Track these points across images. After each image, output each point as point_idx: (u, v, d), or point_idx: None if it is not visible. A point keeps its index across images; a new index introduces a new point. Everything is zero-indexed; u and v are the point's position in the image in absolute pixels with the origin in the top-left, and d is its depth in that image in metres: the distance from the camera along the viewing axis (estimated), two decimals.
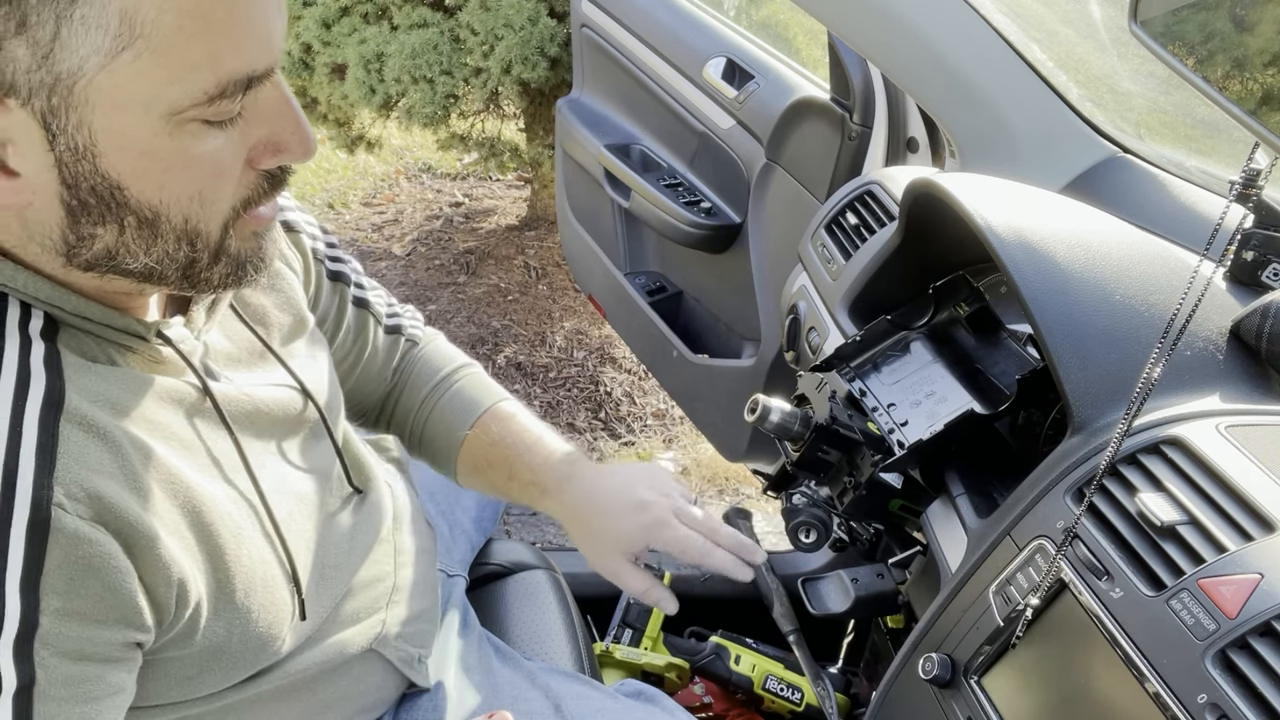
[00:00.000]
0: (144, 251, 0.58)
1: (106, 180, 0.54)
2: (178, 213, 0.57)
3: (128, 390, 0.62)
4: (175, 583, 0.61)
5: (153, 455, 0.61)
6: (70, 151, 0.53)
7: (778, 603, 1.50)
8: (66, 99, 0.51)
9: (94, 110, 0.52)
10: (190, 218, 0.58)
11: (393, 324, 1.03)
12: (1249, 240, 0.90)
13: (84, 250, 0.57)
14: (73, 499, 0.55)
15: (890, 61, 1.26)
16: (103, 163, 0.54)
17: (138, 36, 0.50)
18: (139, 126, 0.53)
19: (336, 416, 0.85)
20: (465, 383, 1.04)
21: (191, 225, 0.58)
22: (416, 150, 4.22)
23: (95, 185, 0.54)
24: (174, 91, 0.52)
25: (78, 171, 0.54)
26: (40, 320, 0.59)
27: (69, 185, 0.54)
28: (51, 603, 0.54)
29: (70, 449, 0.56)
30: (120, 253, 0.58)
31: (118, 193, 0.55)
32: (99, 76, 0.51)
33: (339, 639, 0.81)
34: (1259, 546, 0.64)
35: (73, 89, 0.51)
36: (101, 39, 0.49)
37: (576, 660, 1.13)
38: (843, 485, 0.99)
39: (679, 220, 1.86)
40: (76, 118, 0.52)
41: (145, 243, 0.58)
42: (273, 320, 0.80)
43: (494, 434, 0.99)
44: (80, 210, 0.55)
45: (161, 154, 0.54)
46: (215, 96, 0.53)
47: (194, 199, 0.57)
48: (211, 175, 0.57)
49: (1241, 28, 0.92)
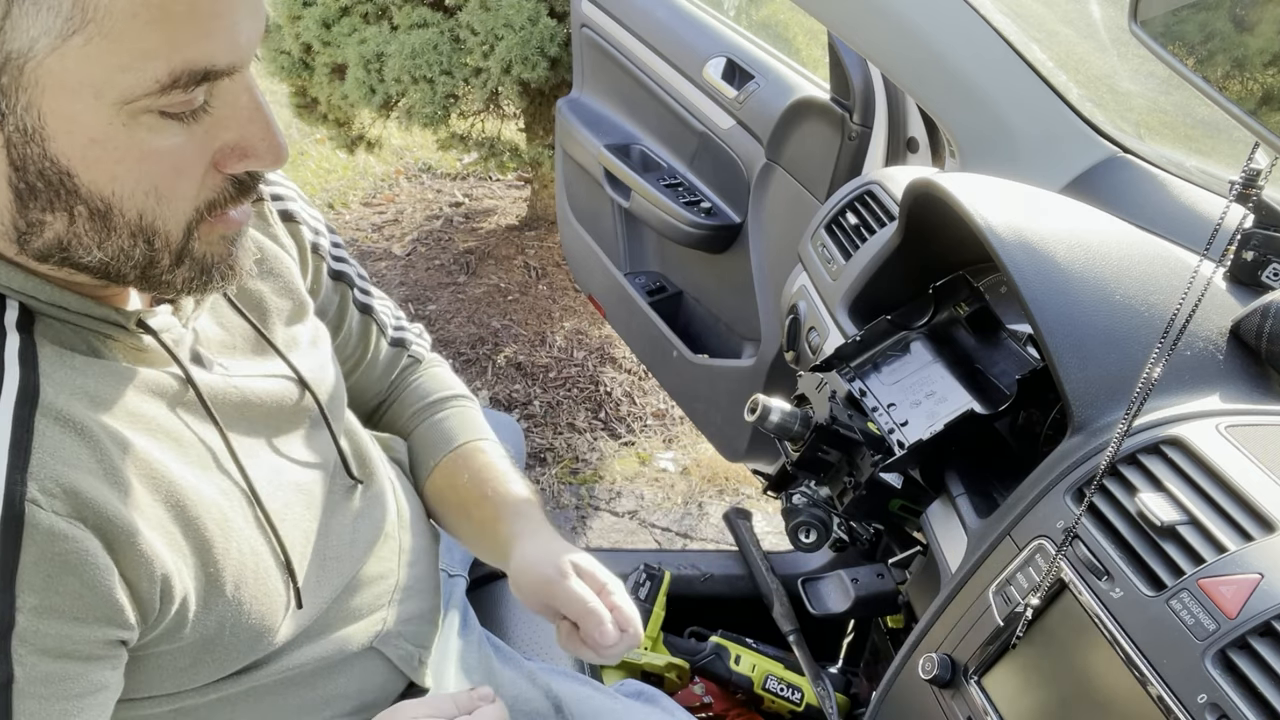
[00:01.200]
0: (96, 245, 0.57)
1: (55, 165, 0.53)
2: (131, 207, 0.56)
3: (107, 382, 0.62)
4: (159, 578, 0.60)
5: (133, 449, 0.61)
6: (19, 132, 0.52)
7: (778, 603, 1.50)
8: (16, 79, 0.50)
9: (43, 92, 0.51)
10: (145, 213, 0.57)
11: (398, 337, 1.02)
12: (1249, 240, 0.90)
13: (34, 238, 0.56)
14: (48, 495, 0.55)
15: (890, 61, 1.26)
16: (51, 147, 0.53)
17: (89, 20, 0.49)
18: (89, 113, 0.52)
19: (338, 406, 0.85)
20: (453, 415, 1.02)
21: (147, 221, 0.57)
22: (416, 150, 4.22)
23: (43, 169, 0.54)
24: (125, 79, 0.51)
25: (26, 154, 0.53)
26: (15, 312, 0.59)
27: (17, 167, 0.53)
28: (28, 600, 0.54)
29: (45, 444, 0.56)
30: (72, 243, 0.57)
31: (67, 179, 0.54)
32: (49, 59, 0.50)
33: (341, 635, 0.81)
34: (1259, 546, 0.64)
35: (23, 69, 0.50)
36: (52, 20, 0.49)
37: (576, 660, 1.13)
38: (843, 485, 0.99)
39: (679, 220, 1.86)
40: (26, 99, 0.51)
41: (98, 235, 0.57)
42: (271, 306, 0.79)
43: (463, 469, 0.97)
44: (28, 194, 0.54)
45: (113, 143, 0.53)
46: (168, 86, 0.52)
47: (149, 194, 0.56)
48: (169, 171, 0.56)
49: (1241, 28, 0.92)
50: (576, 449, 2.62)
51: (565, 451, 2.61)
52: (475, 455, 0.98)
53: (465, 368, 2.88)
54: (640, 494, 2.49)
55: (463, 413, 1.03)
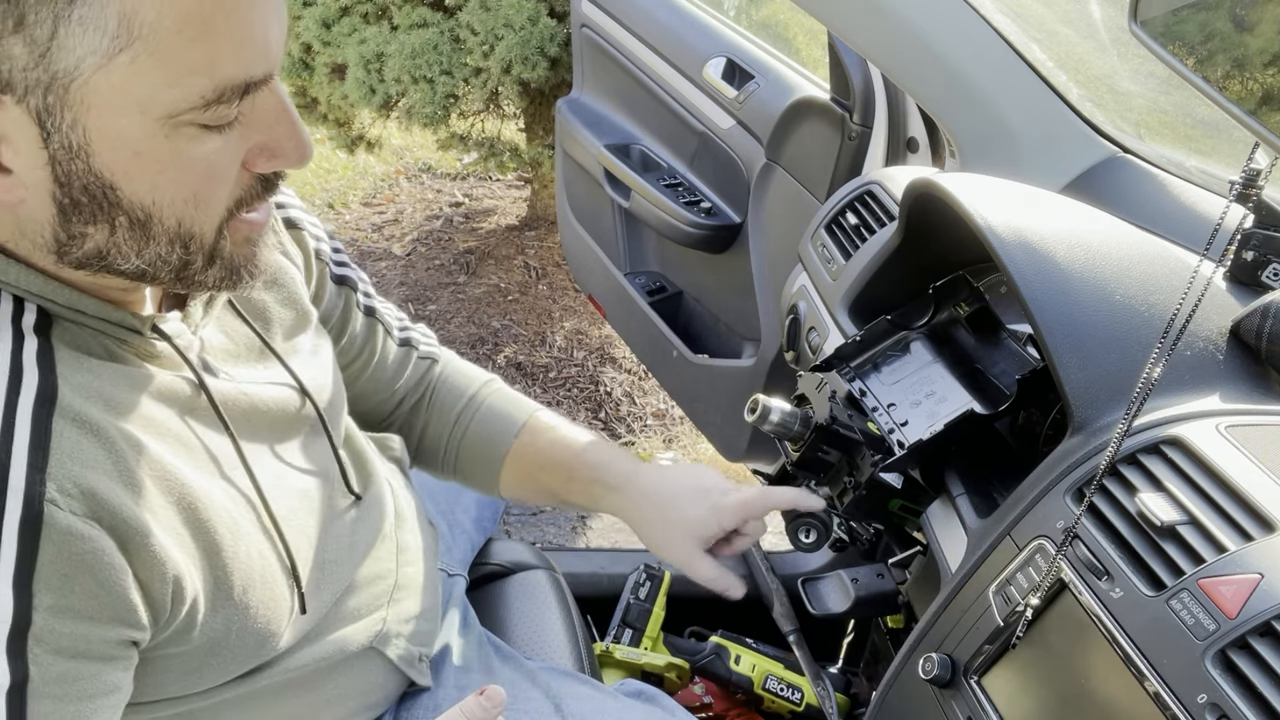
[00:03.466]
0: (135, 253, 0.58)
1: (99, 179, 0.54)
2: (171, 215, 0.57)
3: (122, 386, 0.62)
4: (171, 579, 0.60)
5: (147, 451, 0.61)
6: (64, 150, 0.53)
7: (778, 603, 1.50)
8: (62, 98, 0.51)
9: (89, 110, 0.52)
10: (184, 220, 0.58)
11: (405, 337, 1.04)
12: (1249, 240, 0.90)
13: (75, 249, 0.57)
14: (66, 495, 0.55)
15: (890, 61, 1.26)
16: (96, 162, 0.54)
17: (135, 39, 0.50)
18: (134, 127, 0.53)
19: (337, 415, 0.85)
20: (494, 398, 1.07)
21: (185, 228, 0.58)
22: (416, 150, 4.22)
23: (88, 184, 0.54)
24: (171, 95, 0.52)
25: (71, 170, 0.54)
26: (33, 315, 0.59)
27: (61, 184, 0.54)
28: (44, 599, 0.54)
29: (63, 445, 0.56)
30: (111, 253, 0.58)
31: (110, 192, 0.55)
32: (95, 77, 0.51)
33: (340, 636, 0.81)
34: (1259, 546, 0.64)
35: (69, 88, 0.51)
36: (99, 40, 0.49)
37: (576, 660, 1.13)
38: (843, 485, 0.99)
39: (679, 220, 1.86)
40: (71, 117, 0.52)
41: (137, 244, 0.58)
42: (274, 316, 0.80)
43: (543, 441, 1.02)
44: (72, 209, 0.55)
45: (156, 155, 0.54)
46: (212, 101, 0.53)
47: (188, 201, 0.57)
48: (206, 178, 0.57)
49: (1241, 28, 0.92)
50: None
51: None
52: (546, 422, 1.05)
53: None
54: None
55: (502, 393, 1.09)
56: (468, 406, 1.06)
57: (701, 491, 0.96)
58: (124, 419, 0.61)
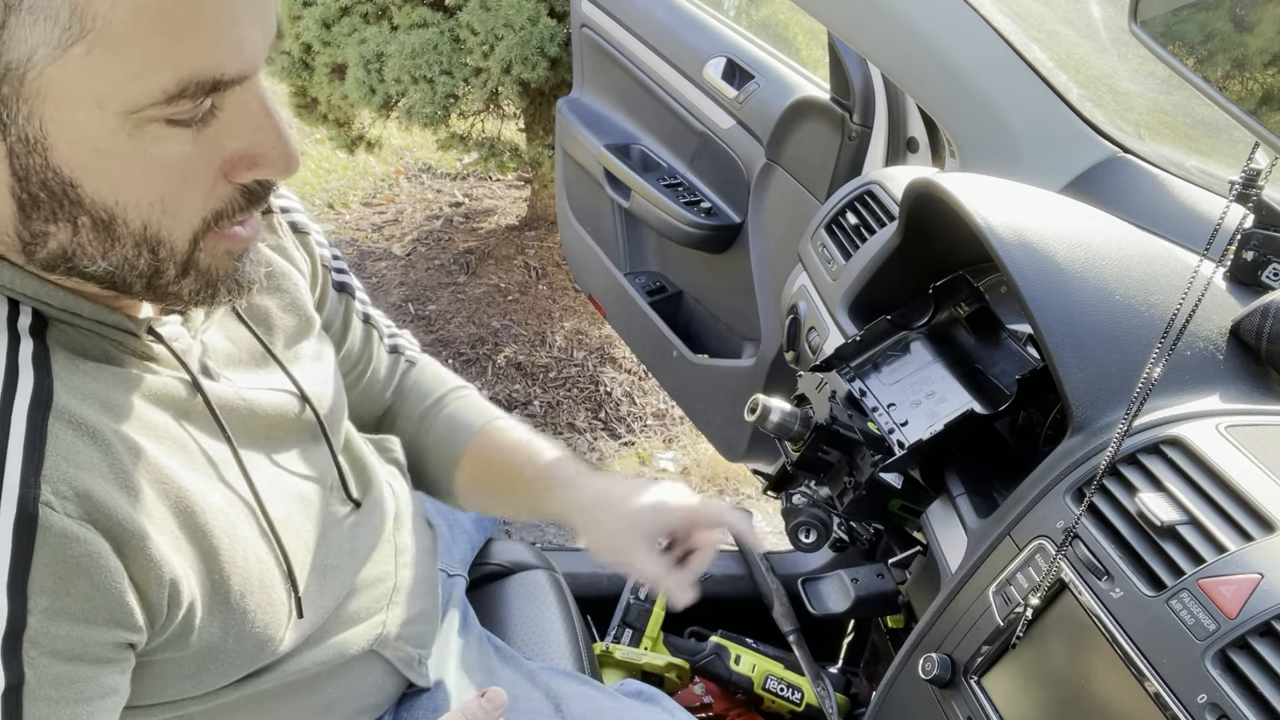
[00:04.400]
0: (101, 255, 0.56)
1: (58, 175, 0.53)
2: (136, 217, 0.55)
3: (119, 388, 0.62)
4: (167, 583, 0.60)
5: (143, 454, 0.61)
6: (21, 143, 0.52)
7: (778, 603, 1.50)
8: (17, 89, 0.50)
9: (45, 102, 0.50)
10: (150, 224, 0.56)
11: (394, 344, 1.03)
12: (1249, 240, 0.90)
13: (39, 248, 0.56)
14: (61, 497, 0.55)
15: (890, 61, 1.26)
16: (54, 157, 0.52)
17: (89, 30, 0.48)
18: (92, 122, 0.51)
19: (338, 421, 0.85)
20: (460, 403, 1.04)
21: (152, 232, 0.56)
22: (416, 150, 4.22)
23: (46, 180, 0.53)
24: (130, 89, 0.50)
25: (28, 164, 0.52)
26: (29, 317, 0.59)
27: (20, 178, 0.53)
28: (40, 602, 0.54)
29: (59, 447, 0.56)
30: (76, 254, 0.56)
31: (70, 190, 0.53)
32: (49, 69, 0.49)
33: (339, 639, 0.81)
34: (1259, 546, 0.64)
35: (23, 79, 0.50)
36: (50, 30, 0.48)
37: (576, 660, 1.13)
38: (843, 485, 0.99)
39: (679, 220, 1.86)
40: (27, 109, 0.51)
41: (101, 245, 0.56)
42: (276, 322, 0.80)
43: (496, 442, 1.00)
44: (31, 205, 0.54)
45: (118, 153, 0.53)
46: (175, 96, 0.51)
47: (155, 205, 0.55)
48: (175, 182, 0.55)
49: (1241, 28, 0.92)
50: (576, 449, 2.62)
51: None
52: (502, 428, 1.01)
53: (465, 368, 2.88)
54: None
55: (470, 399, 1.05)
56: (431, 409, 1.03)
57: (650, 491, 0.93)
58: (120, 421, 0.60)
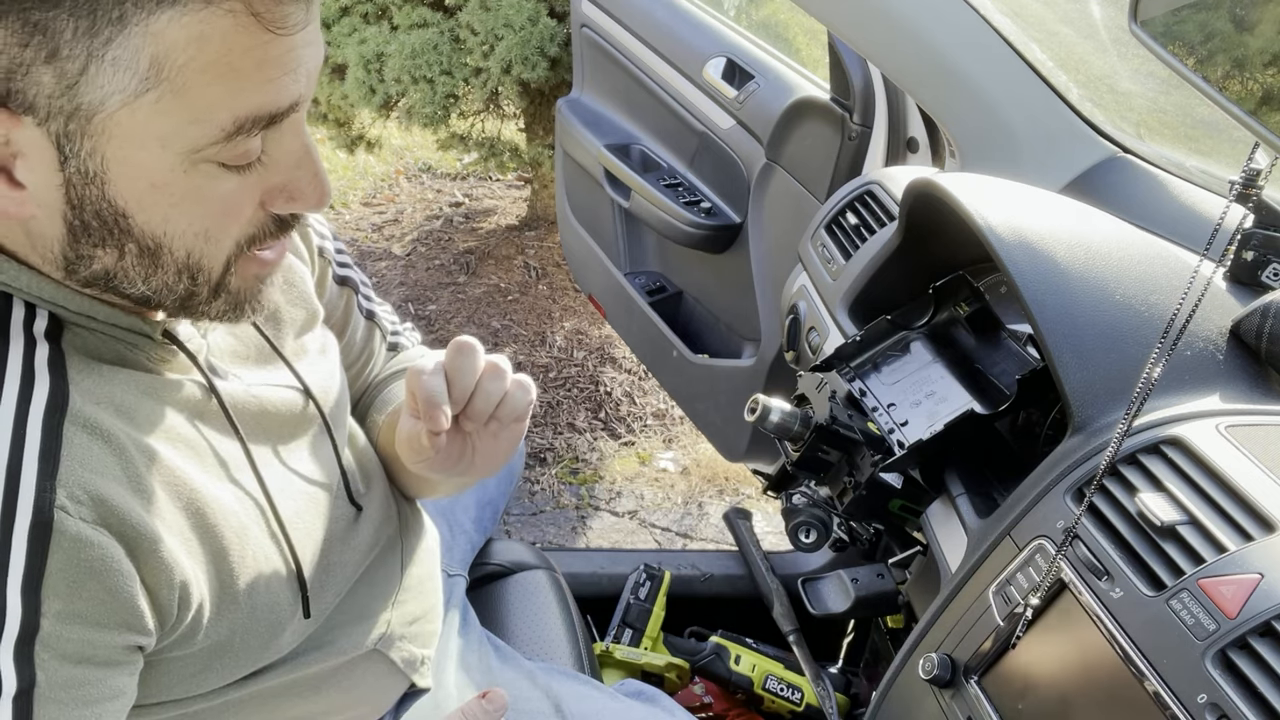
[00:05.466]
0: (142, 280, 0.59)
1: (113, 206, 0.55)
2: (181, 246, 0.58)
3: (133, 391, 0.62)
4: (178, 585, 0.61)
5: (157, 457, 0.61)
6: (80, 174, 0.54)
7: (778, 603, 1.50)
8: (84, 127, 0.52)
9: (110, 141, 0.53)
10: (193, 252, 0.58)
11: (394, 341, 1.03)
12: (1249, 240, 0.90)
13: (82, 268, 0.58)
14: (75, 502, 0.55)
15: (890, 61, 1.26)
16: (110, 190, 0.54)
17: (163, 80, 0.51)
18: (153, 161, 0.54)
19: (342, 415, 0.85)
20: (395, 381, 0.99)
21: (194, 260, 0.59)
22: (416, 150, 4.22)
23: (100, 210, 0.55)
24: (192, 131, 0.53)
25: (84, 194, 0.54)
26: (45, 320, 0.60)
27: (74, 206, 0.55)
28: (53, 605, 0.54)
29: (74, 451, 0.56)
30: (119, 276, 0.58)
31: (122, 220, 0.56)
32: (120, 112, 0.51)
33: (343, 638, 0.81)
34: (1259, 546, 0.64)
35: (91, 119, 0.52)
36: (128, 80, 0.50)
37: (576, 660, 1.13)
38: (843, 485, 0.99)
39: (679, 220, 1.86)
40: (91, 145, 0.53)
41: (145, 271, 0.58)
42: (285, 316, 0.80)
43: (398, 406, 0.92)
44: (81, 230, 0.56)
45: (172, 189, 0.55)
46: (232, 134, 0.54)
47: (199, 235, 0.58)
48: (220, 214, 0.58)
49: (1241, 28, 0.92)
50: (576, 449, 2.62)
51: (565, 451, 2.61)
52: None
53: None
54: (640, 494, 2.49)
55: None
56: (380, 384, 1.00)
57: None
58: (134, 424, 0.61)
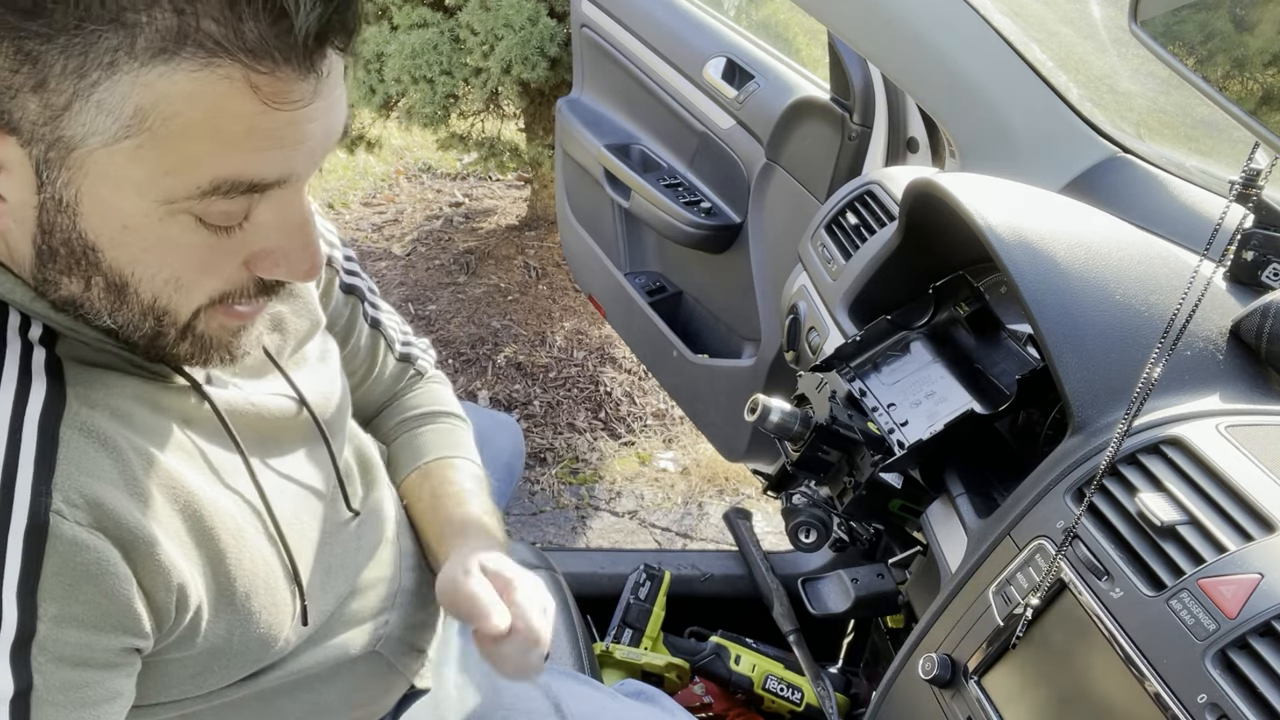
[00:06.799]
0: (108, 313, 0.58)
1: (82, 239, 0.55)
2: (148, 290, 0.57)
3: (129, 397, 0.62)
4: (175, 588, 0.61)
5: (153, 460, 0.61)
6: (54, 202, 0.53)
7: (778, 603, 1.50)
8: (64, 158, 0.52)
9: (86, 177, 0.52)
10: (160, 298, 0.58)
11: (405, 352, 1.02)
12: (1249, 240, 0.90)
13: (50, 292, 0.58)
14: (71, 505, 0.55)
15: (890, 62, 1.26)
16: (82, 223, 0.54)
17: (145, 130, 0.50)
18: (128, 204, 0.53)
19: (340, 423, 0.85)
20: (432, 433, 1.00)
21: (160, 304, 0.58)
22: (416, 150, 4.22)
23: (70, 239, 0.55)
24: (167, 182, 0.52)
25: (56, 221, 0.54)
26: (40, 328, 0.60)
27: (44, 230, 0.55)
28: (49, 609, 0.54)
29: (70, 455, 0.56)
30: (85, 306, 0.58)
31: (91, 253, 0.55)
32: (99, 152, 0.51)
33: (342, 639, 0.81)
34: (1259, 546, 0.64)
35: (71, 152, 0.51)
36: (110, 124, 0.50)
37: (576, 660, 1.13)
38: (843, 485, 0.99)
39: (679, 220, 1.86)
40: (67, 176, 0.52)
41: (110, 305, 0.58)
42: (290, 327, 0.80)
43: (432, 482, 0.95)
44: (49, 255, 0.56)
45: (145, 233, 0.54)
46: (209, 192, 0.53)
47: (169, 282, 0.57)
48: (195, 267, 0.57)
49: (1241, 28, 0.92)
50: (576, 449, 2.62)
51: (565, 451, 2.61)
52: (441, 471, 0.96)
53: (465, 368, 2.88)
54: (640, 494, 2.49)
55: (444, 430, 1.01)
56: (407, 423, 1.01)
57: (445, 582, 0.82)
58: (131, 429, 0.61)
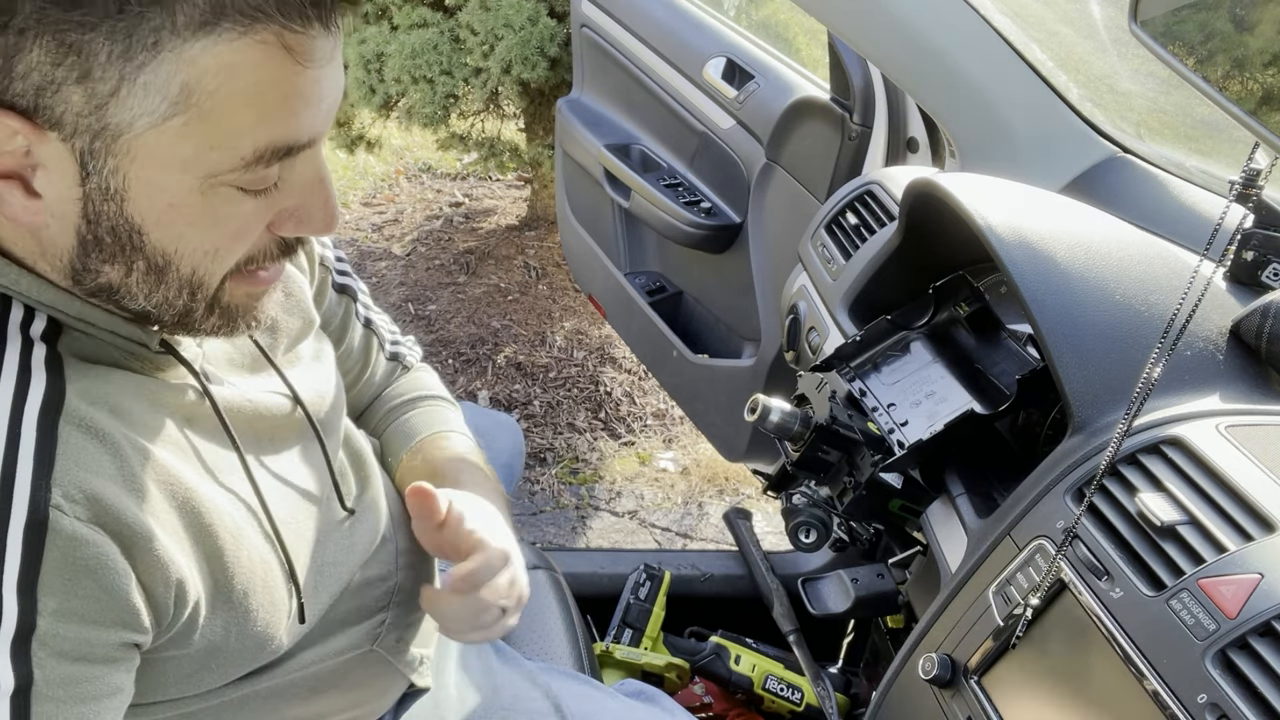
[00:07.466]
0: (144, 295, 0.60)
1: (129, 223, 0.56)
2: (188, 264, 0.59)
3: (128, 393, 0.63)
4: (173, 583, 0.61)
5: (152, 457, 0.62)
6: (100, 191, 0.54)
7: (778, 603, 1.50)
8: (109, 146, 0.53)
9: (134, 161, 0.54)
10: (198, 269, 0.60)
11: (394, 351, 1.03)
12: (1249, 240, 0.90)
13: (89, 280, 0.59)
14: (71, 500, 0.55)
15: (890, 62, 1.26)
16: (129, 207, 0.55)
17: (192, 105, 0.52)
18: (174, 182, 0.55)
19: (335, 422, 0.85)
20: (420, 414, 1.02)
21: (198, 276, 0.60)
22: (416, 150, 4.22)
23: (116, 225, 0.56)
24: (214, 156, 0.54)
25: (102, 210, 0.55)
26: (43, 323, 0.60)
27: (90, 220, 0.56)
28: (49, 604, 0.55)
29: (69, 450, 0.56)
30: (122, 291, 0.59)
31: (136, 236, 0.57)
32: (146, 134, 0.52)
33: (340, 638, 0.81)
34: (1259, 546, 0.64)
35: (118, 139, 0.53)
36: (158, 104, 0.51)
37: (576, 660, 1.13)
38: (843, 485, 0.99)
39: (679, 220, 1.86)
40: (114, 163, 0.54)
41: (149, 287, 0.59)
42: (282, 326, 0.80)
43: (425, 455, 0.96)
44: (94, 245, 0.57)
45: (190, 209, 0.56)
46: (252, 162, 0.55)
47: (208, 254, 0.59)
48: (232, 235, 0.59)
49: (1241, 28, 0.92)
50: (576, 449, 2.62)
51: (565, 451, 2.61)
52: (434, 442, 0.97)
53: (465, 368, 2.88)
54: (640, 494, 2.49)
55: (432, 410, 1.02)
56: (397, 409, 1.02)
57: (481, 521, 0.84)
58: (130, 425, 0.61)
